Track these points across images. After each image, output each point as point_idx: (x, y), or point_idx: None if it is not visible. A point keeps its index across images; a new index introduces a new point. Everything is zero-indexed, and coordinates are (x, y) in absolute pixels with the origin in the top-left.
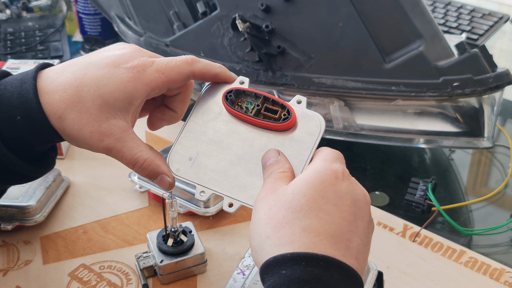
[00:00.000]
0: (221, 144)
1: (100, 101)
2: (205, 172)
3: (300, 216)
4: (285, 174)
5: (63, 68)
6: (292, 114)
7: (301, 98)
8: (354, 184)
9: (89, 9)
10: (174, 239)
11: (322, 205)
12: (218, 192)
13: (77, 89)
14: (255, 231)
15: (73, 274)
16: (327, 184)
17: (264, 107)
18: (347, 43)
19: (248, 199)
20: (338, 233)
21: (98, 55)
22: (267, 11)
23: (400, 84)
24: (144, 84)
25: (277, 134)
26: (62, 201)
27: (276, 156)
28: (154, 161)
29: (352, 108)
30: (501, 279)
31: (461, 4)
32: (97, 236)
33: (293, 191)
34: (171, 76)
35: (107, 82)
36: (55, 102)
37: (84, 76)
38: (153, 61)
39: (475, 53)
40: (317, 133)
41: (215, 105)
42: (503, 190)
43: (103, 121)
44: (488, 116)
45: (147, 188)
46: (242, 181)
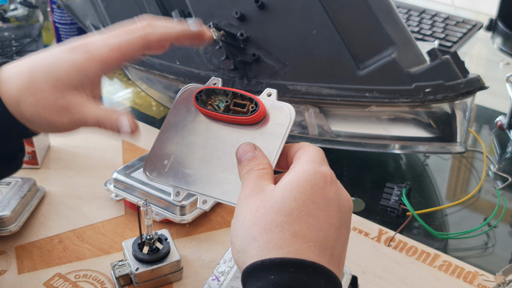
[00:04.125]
0: (195, 145)
1: (53, 80)
2: (179, 173)
3: (289, 221)
4: (266, 171)
5: (19, 62)
6: (260, 105)
7: (271, 91)
8: (340, 189)
9: (65, 19)
10: (149, 246)
11: (312, 210)
12: (192, 190)
13: (30, 74)
14: (239, 230)
15: (49, 283)
16: (316, 188)
17: (233, 103)
18: (321, 50)
19: (221, 195)
20: (325, 240)
21: (54, 46)
22: (242, 19)
23: (374, 91)
24: (98, 62)
25: (248, 128)
26: (38, 211)
27: (252, 151)
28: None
29: (327, 115)
30: (475, 282)
31: (435, 12)
32: (72, 245)
33: (282, 194)
34: (125, 51)
35: (59, 63)
36: (10, 89)
37: (36, 63)
38: (105, 42)
39: (447, 60)
40: (287, 123)
41: (189, 107)
42: (477, 194)
43: (60, 97)
44: (461, 121)
45: (123, 197)
46: (215, 178)
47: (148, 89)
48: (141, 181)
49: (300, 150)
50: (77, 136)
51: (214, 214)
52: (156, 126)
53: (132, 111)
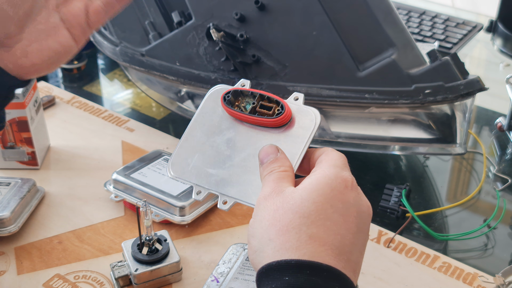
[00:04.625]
0: (220, 145)
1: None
2: (202, 173)
3: (307, 223)
4: (287, 174)
5: None
6: (286, 109)
7: (298, 95)
8: (361, 195)
9: None
10: (149, 247)
11: (330, 214)
12: (213, 190)
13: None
14: (256, 230)
15: (48, 284)
16: (336, 192)
17: (260, 105)
18: (321, 51)
19: (242, 196)
20: (342, 245)
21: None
22: (242, 20)
23: (374, 92)
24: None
25: (273, 131)
26: (37, 212)
27: (275, 153)
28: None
29: (327, 116)
30: (475, 283)
31: (435, 13)
32: (72, 246)
33: (301, 196)
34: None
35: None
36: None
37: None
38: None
39: (446, 61)
40: (311, 127)
41: (215, 108)
42: (476, 195)
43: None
44: (460, 122)
45: (123, 198)
46: (237, 179)
47: (148, 90)
48: (141, 182)
49: (323, 155)
50: (77, 137)
51: (213, 215)
52: (156, 127)
53: (132, 112)
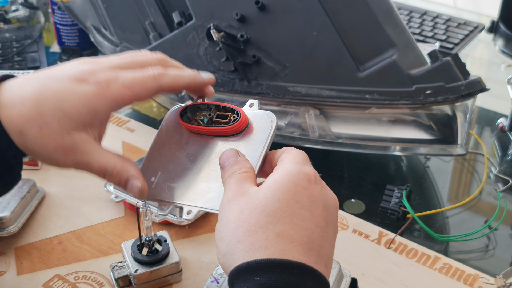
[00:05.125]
0: (181, 160)
1: (61, 114)
2: (165, 188)
3: (274, 221)
4: (247, 174)
5: (23, 82)
6: (241, 115)
7: (253, 102)
8: (325, 188)
9: (66, 20)
10: (149, 248)
11: (296, 210)
12: (177, 202)
13: (37, 103)
14: (224, 234)
15: (48, 285)
16: (300, 188)
17: (216, 115)
18: (321, 52)
19: (205, 203)
20: (311, 240)
21: (58, 69)
22: (242, 21)
23: (374, 93)
24: (109, 99)
25: (232, 138)
26: (37, 212)
27: (235, 156)
28: (123, 166)
29: (327, 117)
30: (475, 284)
31: (437, 14)
32: (72, 247)
33: (265, 195)
34: (138, 92)
35: (68, 96)
36: (14, 116)
37: (43, 90)
38: (118, 76)
39: (447, 61)
40: (268, 129)
41: (175, 126)
42: (477, 196)
43: (66, 135)
44: (461, 123)
45: (123, 198)
46: (200, 188)
47: None
48: None
49: (283, 154)
50: None
51: (213, 216)
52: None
53: (132, 113)
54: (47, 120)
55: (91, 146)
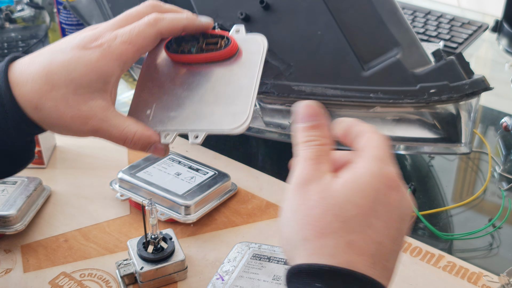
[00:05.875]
0: (174, 89)
1: (73, 85)
2: (164, 118)
3: (347, 229)
4: (326, 149)
5: (31, 59)
6: (231, 40)
7: (239, 27)
8: (404, 194)
9: (71, 20)
10: (154, 246)
11: (372, 220)
12: (181, 129)
13: (47, 77)
14: (290, 221)
15: (54, 282)
16: (380, 195)
17: (205, 43)
18: (325, 51)
19: (211, 125)
20: (380, 253)
21: (62, 41)
22: (247, 20)
23: (378, 92)
24: (114, 59)
25: (223, 64)
26: (43, 210)
27: (316, 116)
28: (144, 133)
29: (332, 116)
30: (479, 282)
31: (441, 13)
32: (78, 245)
33: (344, 197)
34: (139, 43)
35: (75, 65)
36: (27, 93)
37: (51, 64)
38: (116, 34)
39: (451, 60)
40: (261, 50)
41: (161, 58)
42: (481, 195)
43: (82, 104)
44: (465, 122)
45: (128, 196)
46: (201, 113)
47: None
48: (146, 181)
49: (365, 138)
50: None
51: (218, 214)
52: None
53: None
54: (60, 92)
55: (109, 112)
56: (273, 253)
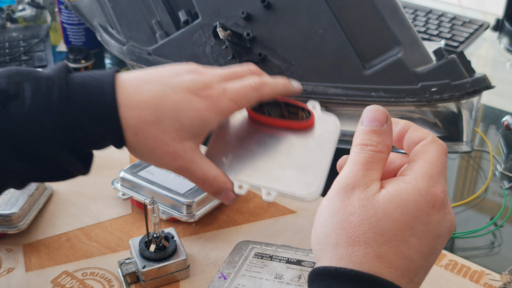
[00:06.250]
0: (250, 145)
1: (178, 124)
2: (239, 169)
3: (380, 241)
4: (381, 156)
5: (140, 84)
6: (311, 114)
7: (314, 104)
8: (447, 214)
9: (73, 19)
10: (156, 245)
11: (407, 236)
12: (256, 184)
13: (156, 110)
14: (325, 220)
15: (56, 281)
16: (421, 213)
17: (286, 110)
18: (327, 50)
19: (285, 188)
20: (409, 268)
21: (172, 75)
22: (248, 19)
23: (380, 90)
24: (218, 113)
25: (298, 134)
26: (45, 209)
27: (382, 121)
28: (221, 178)
29: None
30: (481, 281)
31: (442, 12)
32: (80, 244)
33: (384, 209)
34: (242, 104)
35: (185, 108)
36: (133, 118)
37: (162, 98)
38: (225, 89)
39: (453, 59)
40: (335, 130)
41: (242, 111)
42: (483, 194)
43: (178, 143)
44: (467, 120)
45: (130, 195)
46: (275, 173)
47: None
48: (148, 180)
49: (421, 146)
50: None
51: (220, 213)
52: None
53: None
54: (164, 127)
55: (198, 155)
56: (275, 251)
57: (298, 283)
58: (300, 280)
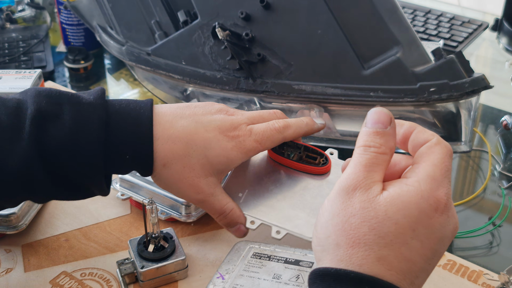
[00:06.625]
0: (267, 184)
1: (205, 160)
2: (253, 205)
3: (381, 244)
4: (383, 158)
5: (174, 119)
6: (329, 160)
7: (333, 151)
8: (450, 217)
9: (72, 20)
10: (155, 245)
11: (408, 239)
12: (267, 221)
13: (187, 145)
14: (326, 221)
15: (55, 281)
16: (423, 216)
17: (305, 154)
18: (326, 50)
19: (294, 228)
20: (410, 270)
21: (205, 113)
22: (247, 19)
23: (379, 90)
24: (243, 153)
25: (314, 177)
26: (44, 209)
27: (385, 123)
28: (237, 212)
29: (332, 114)
30: (479, 281)
31: (441, 12)
32: (79, 244)
33: (385, 211)
34: (266, 145)
35: (214, 146)
36: (164, 150)
37: (194, 135)
38: (251, 131)
39: (451, 59)
40: None
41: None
42: (482, 193)
43: (203, 177)
44: (465, 120)
45: (129, 196)
46: (287, 213)
47: (154, 89)
48: (147, 180)
49: (425, 148)
50: None
51: None
52: None
53: None
54: (191, 162)
55: (218, 189)
56: (273, 251)
57: (296, 283)
58: (298, 280)
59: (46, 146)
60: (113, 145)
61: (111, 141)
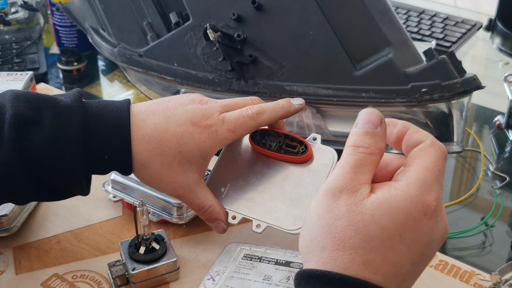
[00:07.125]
0: (248, 177)
1: (180, 157)
2: (235, 200)
3: (366, 248)
4: (372, 159)
5: (146, 116)
6: (309, 148)
7: (316, 135)
8: (440, 221)
9: (65, 22)
10: (146, 247)
11: (395, 244)
12: (247, 215)
13: (160, 143)
14: (313, 223)
15: (46, 284)
16: (411, 220)
17: (285, 143)
18: (318, 51)
19: (274, 221)
20: (396, 274)
21: (177, 109)
22: (239, 20)
23: (370, 91)
24: (217, 143)
25: (296, 166)
26: (36, 211)
27: (375, 124)
28: (216, 208)
29: (324, 115)
30: (471, 281)
31: (435, 12)
32: (70, 246)
33: (371, 215)
34: (240, 133)
35: (187, 140)
36: (140, 151)
37: (166, 131)
38: (223, 119)
39: (443, 59)
40: (331, 164)
41: (243, 144)
42: (474, 193)
43: (181, 174)
44: (457, 121)
45: (121, 198)
46: (267, 206)
47: (147, 91)
48: (139, 182)
49: (418, 150)
50: None
51: None
52: None
53: None
54: (168, 160)
55: (198, 185)
56: (264, 253)
57: (286, 285)
58: (288, 282)
59: (26, 151)
60: (92, 148)
61: (90, 144)
